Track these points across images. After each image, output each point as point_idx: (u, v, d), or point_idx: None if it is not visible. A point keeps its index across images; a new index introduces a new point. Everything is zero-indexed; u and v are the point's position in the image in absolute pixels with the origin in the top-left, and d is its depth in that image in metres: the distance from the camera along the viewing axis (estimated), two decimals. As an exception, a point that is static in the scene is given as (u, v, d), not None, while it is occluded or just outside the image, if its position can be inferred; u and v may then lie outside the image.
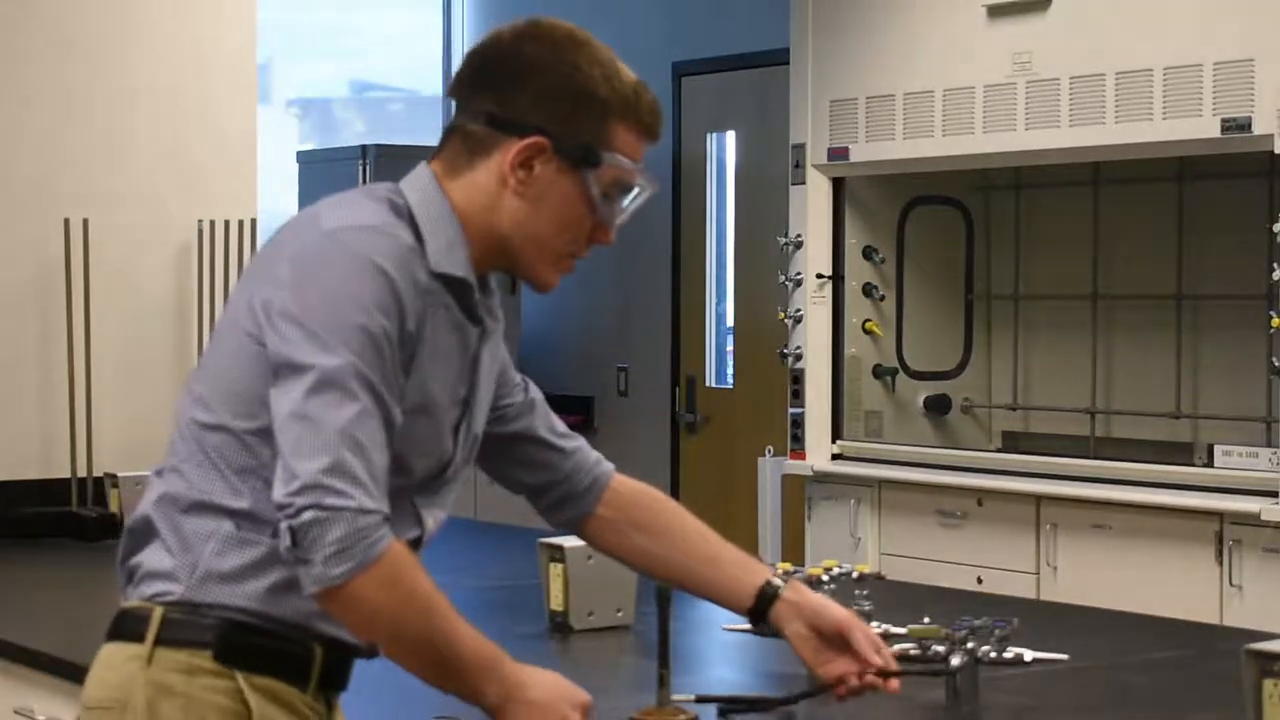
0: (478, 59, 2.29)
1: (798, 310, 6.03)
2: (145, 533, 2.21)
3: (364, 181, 7.78)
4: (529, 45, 2.25)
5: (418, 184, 2.25)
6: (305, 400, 2.07)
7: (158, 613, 2.16)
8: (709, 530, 2.59)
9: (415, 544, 2.23)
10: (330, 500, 2.04)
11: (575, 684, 2.22)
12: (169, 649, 2.15)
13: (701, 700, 2.65)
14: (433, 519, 2.27)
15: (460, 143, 2.27)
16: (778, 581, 2.51)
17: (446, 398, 2.22)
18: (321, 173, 8.28)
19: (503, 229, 2.25)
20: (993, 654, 2.86)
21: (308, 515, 2.04)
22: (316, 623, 2.17)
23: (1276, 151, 4.82)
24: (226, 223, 5.07)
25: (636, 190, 2.29)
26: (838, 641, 2.48)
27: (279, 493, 2.05)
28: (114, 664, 2.19)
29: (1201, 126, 4.97)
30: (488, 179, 2.24)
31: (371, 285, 2.11)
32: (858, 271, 6.09)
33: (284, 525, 2.05)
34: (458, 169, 2.26)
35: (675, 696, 2.60)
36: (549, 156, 2.23)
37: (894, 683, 2.48)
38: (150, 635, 2.16)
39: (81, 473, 4.85)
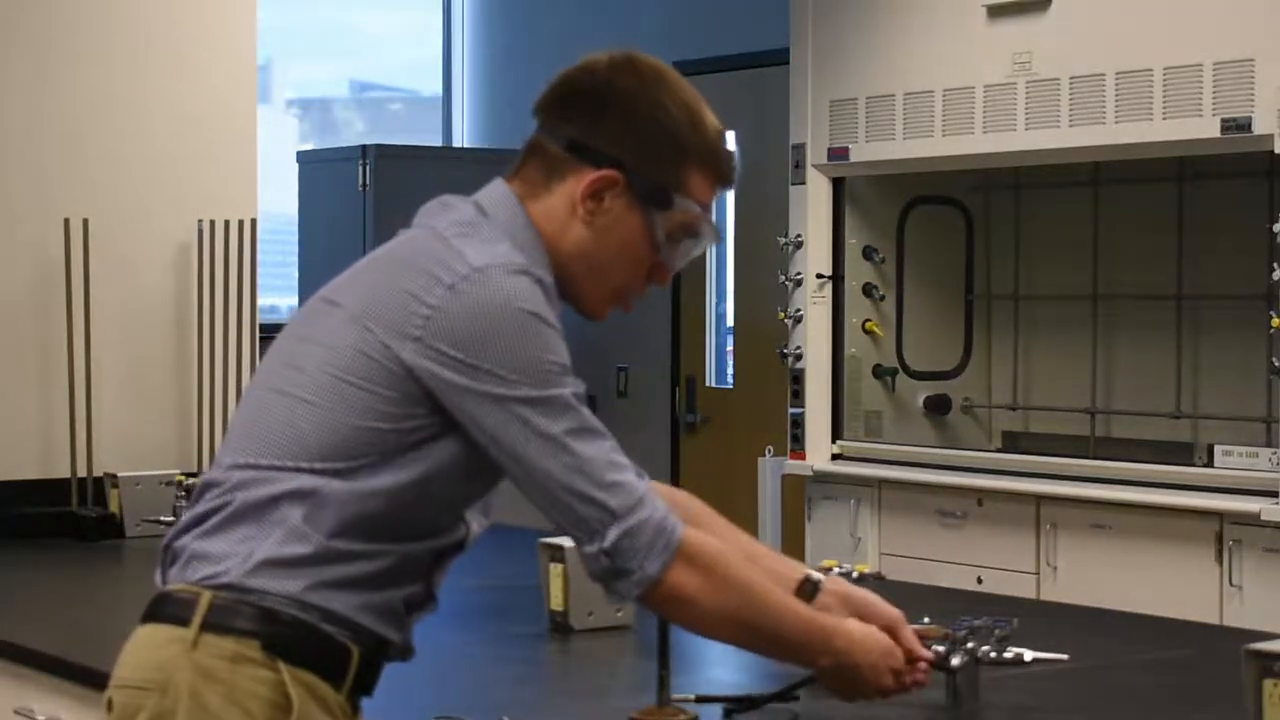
0: (568, 84, 2.33)
1: (798, 310, 6.03)
2: (204, 516, 2.21)
3: (364, 182, 7.79)
4: (621, 79, 2.30)
5: (503, 205, 2.28)
6: (564, 424, 2.17)
7: (205, 597, 2.15)
8: (741, 530, 2.61)
9: (459, 547, 2.30)
10: (632, 514, 2.17)
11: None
12: (215, 635, 2.15)
13: (701, 700, 2.65)
14: (477, 524, 2.33)
15: (539, 164, 2.31)
16: (818, 575, 2.57)
17: None
18: (321, 173, 8.28)
19: (566, 256, 2.29)
20: (993, 654, 2.86)
21: (614, 533, 2.16)
22: (362, 618, 2.18)
23: (1276, 151, 4.82)
24: (226, 223, 5.07)
25: (701, 239, 2.34)
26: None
27: (565, 516, 2.18)
28: (154, 645, 2.18)
29: (1201, 126, 4.97)
30: (560, 204, 2.28)
31: (540, 322, 2.19)
32: (858, 271, 6.09)
33: (592, 549, 2.18)
34: (536, 191, 2.30)
35: (675, 696, 2.60)
36: (620, 191, 2.27)
37: (921, 674, 2.50)
38: (197, 619, 2.15)
39: (81, 473, 4.85)
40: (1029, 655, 2.96)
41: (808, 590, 2.52)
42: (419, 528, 2.23)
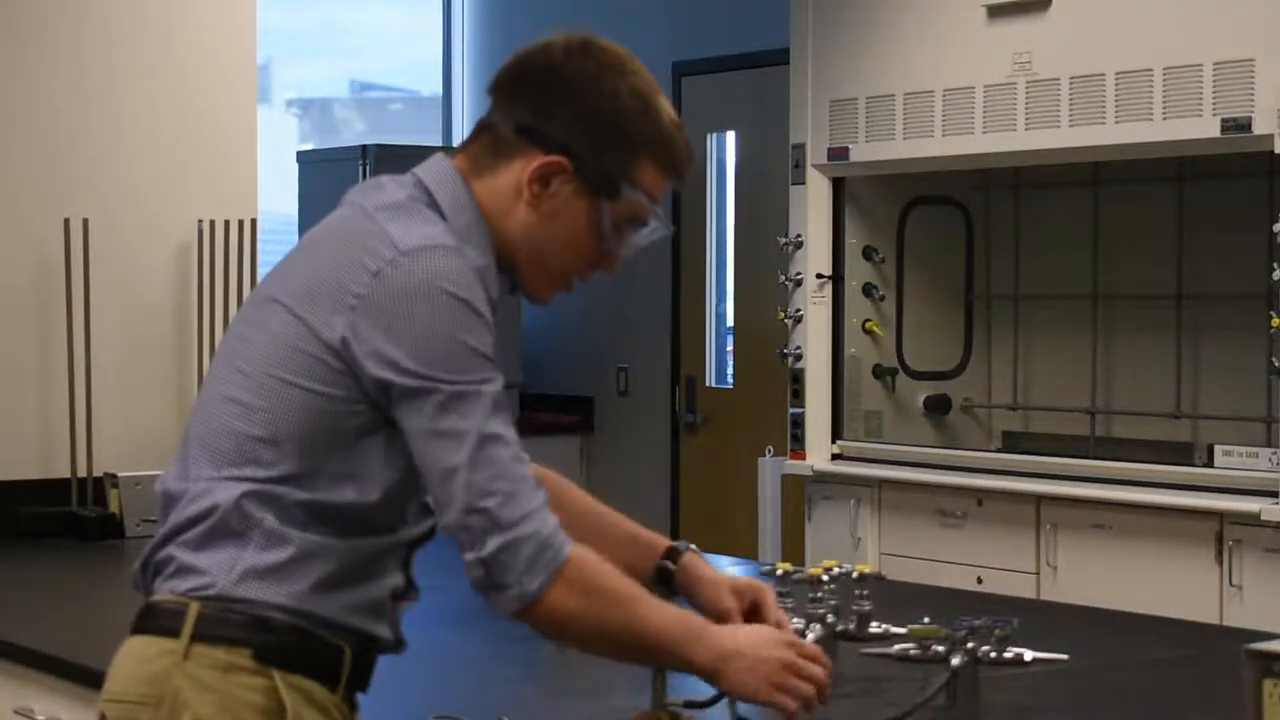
0: (522, 65, 2.30)
1: (798, 310, 6.03)
2: (185, 525, 2.20)
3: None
4: (576, 63, 2.27)
5: (445, 183, 2.25)
6: (470, 422, 2.10)
7: (193, 608, 2.15)
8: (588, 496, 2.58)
9: (430, 534, 2.28)
10: (516, 528, 2.10)
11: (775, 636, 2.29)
12: (206, 645, 2.14)
13: (690, 705, 2.64)
14: None
15: (488, 142, 2.27)
16: (683, 545, 2.52)
17: None
18: (321, 173, 8.28)
19: (511, 237, 2.25)
20: (993, 654, 2.86)
21: (494, 543, 2.09)
22: (351, 618, 2.18)
23: (1276, 151, 4.82)
24: (226, 223, 5.07)
25: (650, 228, 2.30)
26: (744, 601, 2.46)
27: (452, 518, 2.10)
28: (145, 658, 2.18)
29: (1201, 126, 4.97)
30: (507, 184, 2.25)
31: (468, 309, 2.13)
32: (858, 271, 6.09)
33: (470, 557, 2.11)
34: (482, 169, 2.27)
35: (669, 699, 2.59)
36: (568, 177, 2.24)
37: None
38: (186, 630, 2.14)
39: (81, 473, 4.85)
40: (1029, 655, 2.96)
41: (677, 550, 2.49)
42: (389, 517, 2.21)
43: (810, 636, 2.92)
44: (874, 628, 3.10)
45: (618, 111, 2.25)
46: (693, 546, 2.52)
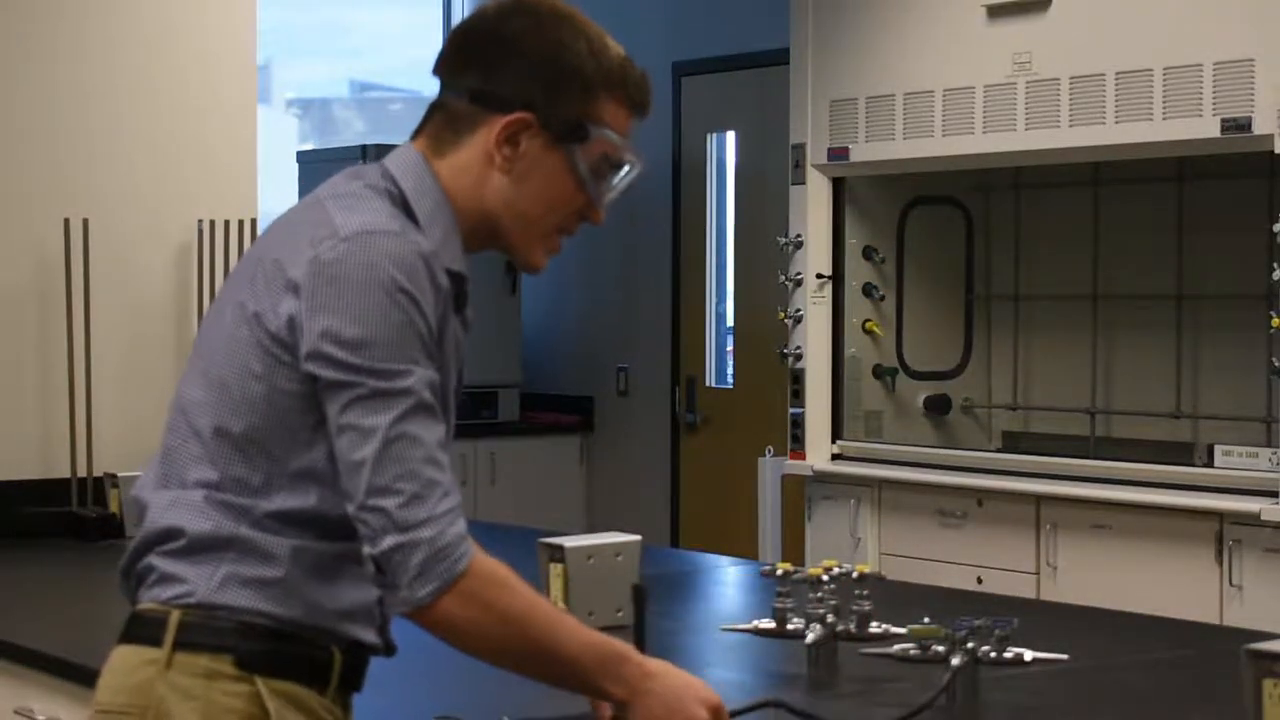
0: (461, 36, 2.27)
1: (798, 310, 6.03)
2: (161, 536, 2.18)
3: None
4: (514, 20, 2.22)
5: (410, 169, 2.22)
6: (383, 419, 2.06)
7: (175, 616, 2.14)
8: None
9: None
10: (411, 530, 2.05)
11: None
12: (188, 653, 2.13)
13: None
14: None
15: (444, 120, 2.24)
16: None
17: (450, 391, 2.21)
18: (321, 173, 8.22)
19: (490, 208, 2.22)
20: (993, 654, 2.86)
21: (387, 543, 2.05)
22: (337, 624, 2.16)
23: (1276, 151, 4.82)
24: (226, 223, 5.07)
25: (627, 168, 2.26)
26: None
27: (352, 512, 2.07)
28: (129, 668, 2.17)
29: (1201, 126, 4.97)
30: (473, 157, 2.22)
31: (405, 300, 2.08)
32: (858, 271, 6.10)
33: (366, 551, 2.08)
34: (444, 148, 2.23)
35: None
36: (535, 132, 2.20)
37: None
38: (168, 639, 2.13)
39: (81, 473, 4.85)
40: (1029, 655, 2.96)
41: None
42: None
43: (810, 637, 2.92)
44: (874, 628, 3.10)
45: (566, 57, 2.21)
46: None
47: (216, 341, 2.20)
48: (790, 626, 3.12)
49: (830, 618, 2.97)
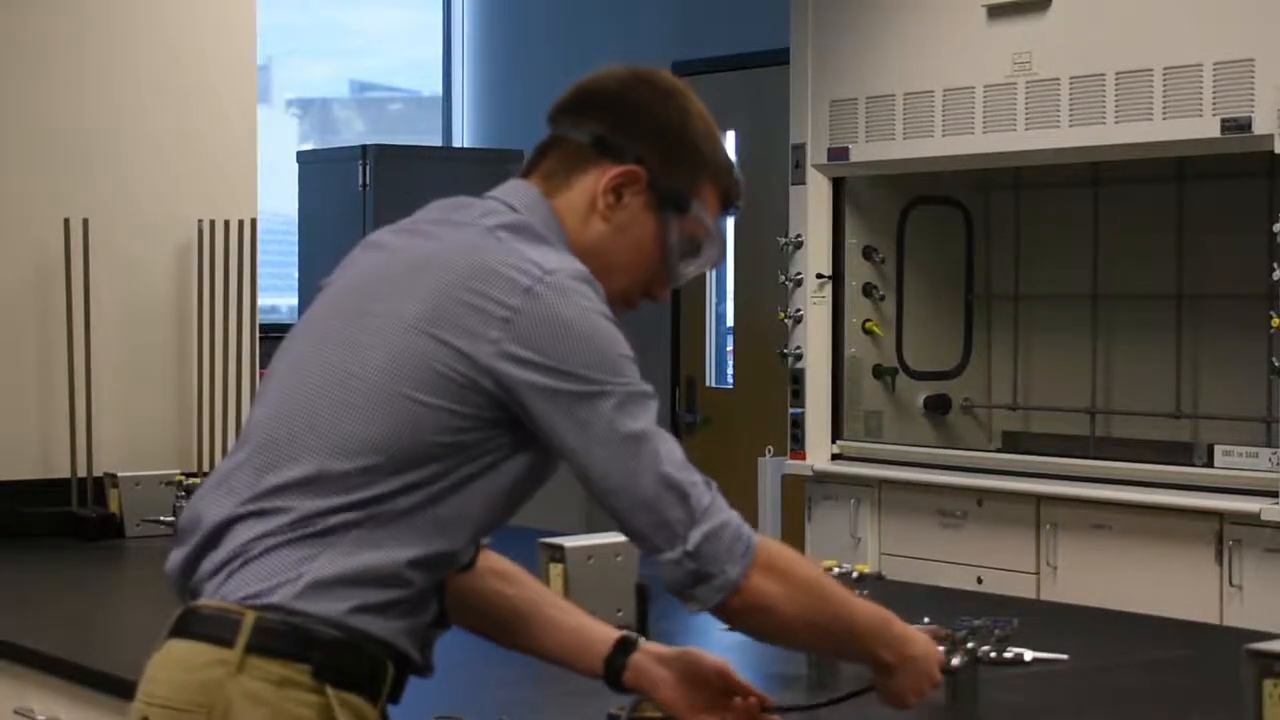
0: (584, 90, 2.32)
1: (798, 310, 6.03)
2: (242, 531, 2.15)
3: (364, 182, 7.78)
4: (638, 88, 2.30)
5: (538, 209, 2.24)
6: (642, 422, 2.14)
7: (250, 617, 2.10)
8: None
9: (472, 564, 2.32)
10: (711, 517, 2.13)
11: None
12: (261, 658, 2.10)
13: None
14: None
15: (559, 158, 2.28)
16: (635, 635, 2.44)
17: None
18: (321, 173, 8.28)
19: (582, 250, 2.25)
20: (993, 654, 2.86)
21: (696, 536, 2.11)
22: (399, 640, 2.16)
23: (1276, 151, 4.81)
24: (226, 223, 5.07)
25: (704, 256, 2.32)
26: (715, 684, 2.37)
27: (643, 520, 2.11)
28: (195, 666, 2.13)
29: (1201, 126, 4.96)
30: (580, 199, 2.26)
31: (612, 326, 2.19)
32: (858, 271, 6.09)
33: (675, 554, 2.11)
34: (556, 186, 2.27)
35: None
36: (641, 189, 2.26)
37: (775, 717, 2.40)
38: (241, 641, 2.10)
39: (81, 473, 4.85)
40: (1029, 655, 2.96)
41: (628, 643, 2.40)
42: (460, 556, 2.21)
43: None
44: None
45: (689, 131, 2.29)
46: (643, 642, 2.42)
47: (375, 354, 2.14)
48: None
49: (830, 618, 2.97)
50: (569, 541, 3.28)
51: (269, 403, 2.23)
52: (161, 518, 4.58)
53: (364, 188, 7.83)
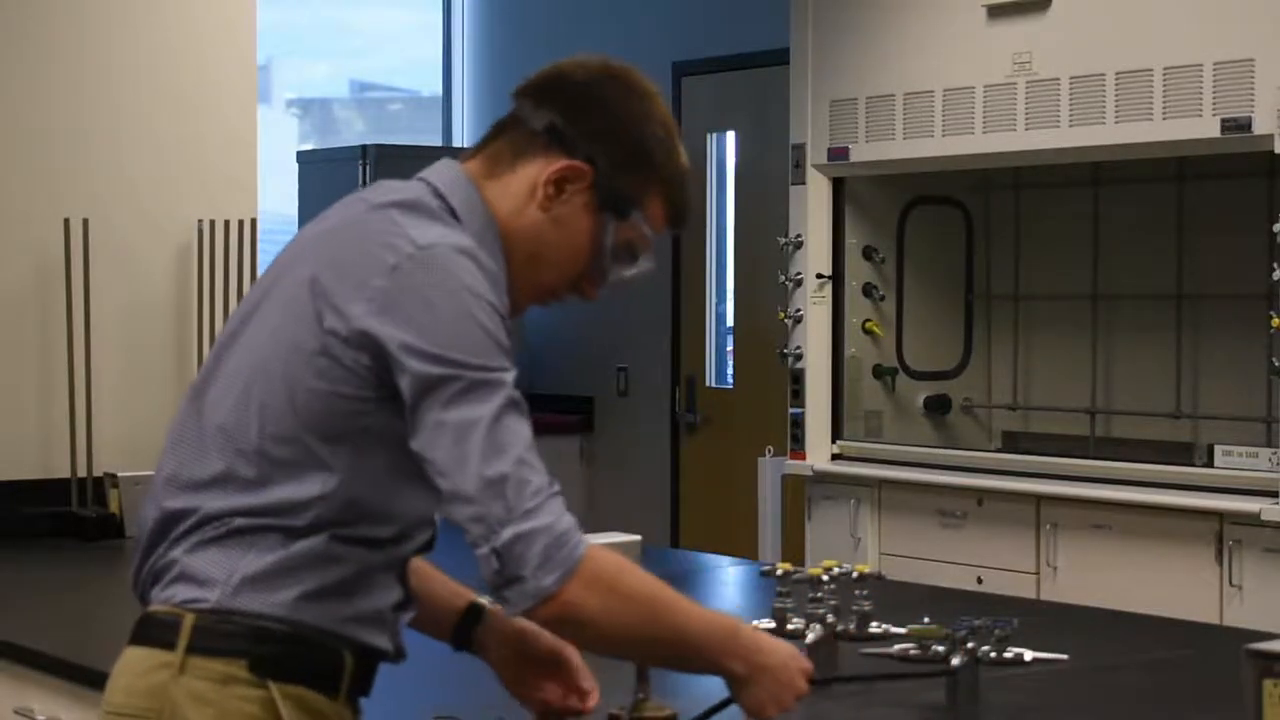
0: (555, 76, 2.29)
1: (798, 310, 6.03)
2: (176, 533, 2.17)
3: (364, 182, 7.78)
4: (613, 83, 2.27)
5: (459, 188, 2.23)
6: (486, 409, 2.05)
7: (189, 620, 2.13)
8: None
9: (430, 546, 2.27)
10: (530, 518, 2.04)
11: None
12: (202, 657, 2.12)
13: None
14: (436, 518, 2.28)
15: (509, 141, 2.26)
16: (486, 603, 2.42)
17: None
18: (321, 173, 8.28)
19: (514, 237, 2.23)
20: (993, 654, 2.86)
21: (507, 534, 2.02)
22: (348, 629, 2.16)
23: (1276, 151, 4.82)
24: (226, 223, 5.07)
25: (638, 264, 2.29)
26: (548, 664, 2.38)
27: (465, 510, 2.04)
28: (142, 670, 2.16)
29: (1201, 126, 4.97)
30: (521, 185, 2.24)
31: (489, 309, 2.10)
32: (858, 271, 6.09)
33: (484, 549, 2.03)
34: (498, 170, 2.25)
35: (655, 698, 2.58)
36: (584, 187, 2.23)
37: (592, 701, 2.40)
38: (182, 643, 2.12)
39: (81, 473, 4.85)
40: (1029, 655, 2.96)
41: (475, 610, 2.40)
42: (390, 526, 2.18)
43: (810, 636, 2.92)
44: (874, 628, 3.10)
45: (644, 137, 2.25)
46: (489, 612, 2.41)
47: (262, 338, 2.17)
48: (790, 626, 3.12)
49: (830, 618, 2.97)
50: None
51: (187, 401, 2.27)
52: (161, 518, 4.58)
53: (364, 188, 7.83)
